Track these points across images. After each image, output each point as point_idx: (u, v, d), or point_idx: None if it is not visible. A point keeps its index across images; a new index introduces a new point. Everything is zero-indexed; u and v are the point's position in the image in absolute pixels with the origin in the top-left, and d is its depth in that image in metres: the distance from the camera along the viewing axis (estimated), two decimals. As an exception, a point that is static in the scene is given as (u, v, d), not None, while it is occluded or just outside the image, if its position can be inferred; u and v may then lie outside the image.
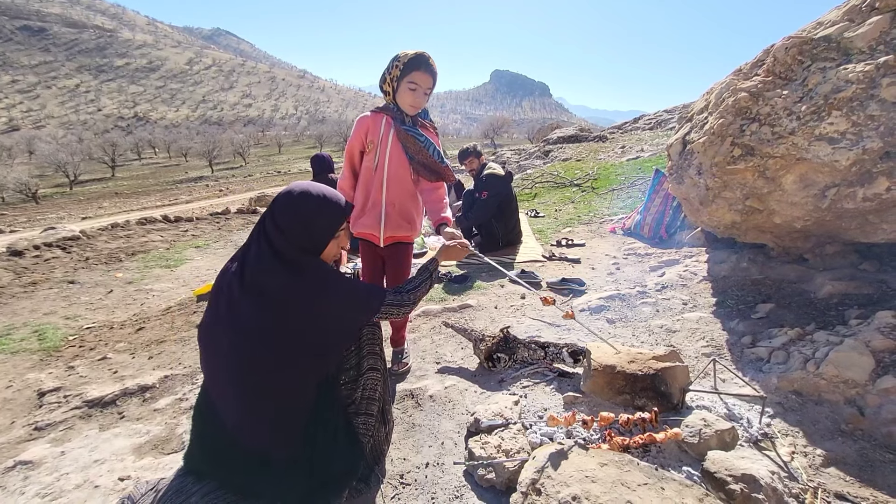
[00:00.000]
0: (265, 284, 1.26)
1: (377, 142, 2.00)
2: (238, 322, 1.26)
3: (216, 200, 18.78)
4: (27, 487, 1.70)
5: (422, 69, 1.89)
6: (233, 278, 1.30)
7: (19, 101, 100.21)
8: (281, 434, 1.29)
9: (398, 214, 2.08)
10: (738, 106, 2.53)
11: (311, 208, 1.33)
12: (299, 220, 1.31)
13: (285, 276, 1.26)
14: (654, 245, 4.18)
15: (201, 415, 1.35)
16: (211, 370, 1.34)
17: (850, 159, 2.08)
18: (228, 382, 1.28)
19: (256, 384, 1.25)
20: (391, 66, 1.92)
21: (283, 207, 1.32)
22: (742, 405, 1.75)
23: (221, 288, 1.33)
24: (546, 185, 8.07)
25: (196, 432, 1.38)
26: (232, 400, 1.27)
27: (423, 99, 1.97)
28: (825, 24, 2.43)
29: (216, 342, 1.29)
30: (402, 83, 1.91)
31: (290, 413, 1.30)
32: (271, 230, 1.31)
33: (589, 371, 1.89)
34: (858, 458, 1.49)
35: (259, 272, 1.27)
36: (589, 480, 1.23)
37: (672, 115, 13.68)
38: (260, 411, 1.27)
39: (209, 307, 1.36)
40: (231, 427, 1.27)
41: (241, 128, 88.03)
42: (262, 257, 1.28)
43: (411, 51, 1.92)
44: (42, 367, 2.84)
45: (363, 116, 2.05)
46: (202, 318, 1.38)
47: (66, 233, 5.76)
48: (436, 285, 3.60)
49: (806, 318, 2.29)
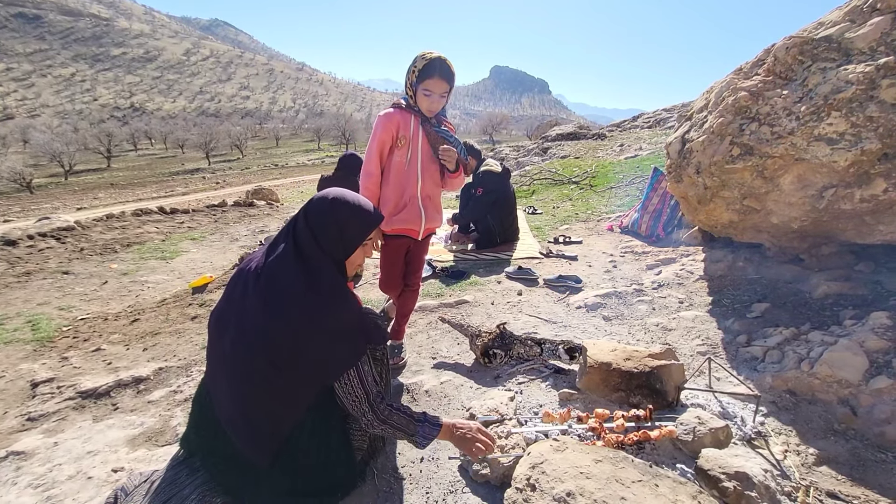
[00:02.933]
0: (278, 284, 1.25)
1: (409, 137, 2.04)
2: (244, 318, 1.25)
3: (213, 193, 18.67)
4: (19, 478, 1.69)
5: (435, 76, 1.92)
6: (250, 273, 1.30)
7: (14, 90, 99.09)
8: (269, 438, 1.27)
9: (433, 207, 2.19)
10: (738, 105, 2.53)
11: (346, 213, 1.35)
12: (332, 224, 1.32)
13: (301, 281, 1.25)
14: (652, 243, 4.18)
15: (200, 403, 1.35)
16: (211, 361, 1.34)
17: (848, 160, 2.08)
18: (224, 377, 1.27)
19: (250, 383, 1.24)
20: (410, 69, 1.95)
21: (318, 210, 1.34)
22: (736, 404, 1.76)
23: (238, 280, 1.33)
24: (544, 182, 8.07)
25: (193, 419, 1.38)
26: (226, 395, 1.26)
27: (439, 103, 2.01)
28: (826, 25, 2.43)
29: (220, 333, 1.29)
30: (418, 89, 1.95)
31: (280, 418, 1.27)
32: (302, 231, 1.31)
33: (584, 368, 1.89)
34: (850, 458, 1.51)
35: (277, 271, 1.26)
36: (583, 477, 1.23)
37: (671, 114, 13.68)
38: (251, 412, 1.25)
39: (223, 297, 1.36)
40: (224, 422, 1.27)
41: (238, 120, 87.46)
42: (285, 257, 1.28)
43: (428, 54, 1.93)
44: (35, 357, 2.83)
45: (391, 113, 2.03)
46: (214, 307, 1.37)
47: (60, 223, 5.71)
48: (432, 280, 3.60)
49: (801, 317, 2.30)
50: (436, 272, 3.74)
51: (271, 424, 1.27)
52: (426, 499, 1.45)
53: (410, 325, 2.83)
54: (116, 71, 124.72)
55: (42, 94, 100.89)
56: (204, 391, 1.35)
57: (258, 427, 1.26)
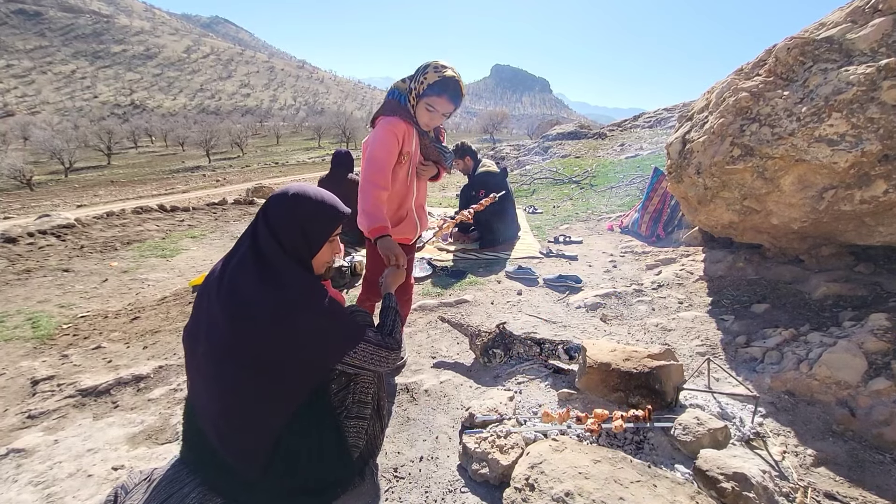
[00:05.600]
0: (241, 292, 1.18)
1: (411, 153, 1.95)
2: (213, 330, 1.20)
3: (213, 191, 18.67)
4: (20, 475, 1.69)
5: (445, 96, 1.77)
6: (214, 282, 1.24)
7: (14, 87, 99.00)
8: (256, 449, 1.22)
9: (424, 213, 2.24)
10: (739, 106, 2.53)
11: (308, 210, 1.26)
12: (294, 223, 1.25)
13: (265, 290, 1.17)
14: (652, 243, 4.19)
15: (188, 417, 1.34)
16: (190, 375, 1.31)
17: (848, 161, 2.08)
18: (205, 391, 1.25)
19: (228, 396, 1.19)
20: (420, 76, 1.78)
21: (278, 209, 1.25)
22: (735, 404, 1.77)
23: (203, 293, 1.27)
24: (544, 181, 8.06)
25: (184, 433, 1.38)
26: (208, 408, 1.24)
27: (438, 121, 1.90)
28: (828, 25, 2.42)
29: (193, 347, 1.25)
30: (422, 101, 1.81)
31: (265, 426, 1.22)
32: (262, 233, 1.23)
33: (584, 368, 1.90)
34: (848, 459, 1.51)
35: (237, 278, 1.20)
36: (582, 477, 1.24)
37: (672, 114, 13.67)
38: (235, 424, 1.21)
39: (194, 306, 1.31)
40: (210, 435, 1.25)
41: (238, 118, 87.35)
42: (244, 262, 1.21)
43: (443, 68, 1.77)
44: (35, 355, 2.83)
45: (395, 123, 1.83)
46: (187, 322, 1.32)
47: (60, 220, 5.70)
48: (430, 280, 3.60)
49: (800, 318, 2.30)
50: (435, 271, 3.75)
51: (257, 434, 1.22)
52: (425, 498, 1.46)
53: (410, 325, 2.83)
54: (117, 68, 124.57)
55: (42, 90, 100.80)
56: (189, 405, 1.33)
57: (244, 439, 1.22)
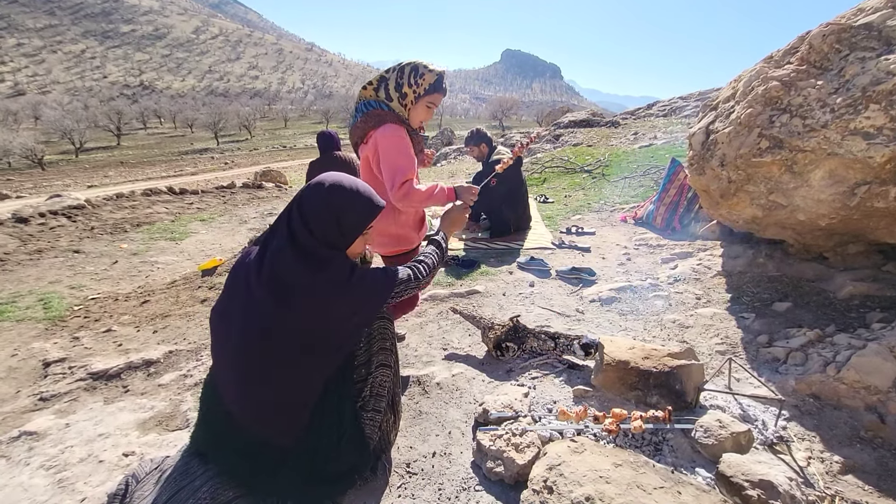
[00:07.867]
0: (284, 280, 1.20)
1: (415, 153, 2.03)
2: (250, 314, 1.21)
3: (221, 173, 18.69)
4: (32, 458, 1.69)
5: (441, 91, 1.91)
6: (251, 267, 1.24)
7: (25, 65, 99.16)
8: (283, 425, 1.26)
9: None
10: (769, 95, 2.42)
11: (343, 202, 1.25)
12: (329, 215, 1.24)
13: (306, 274, 1.19)
14: (667, 236, 4.09)
15: (207, 399, 1.32)
16: (218, 357, 1.31)
17: (885, 156, 1.99)
18: (234, 370, 1.24)
19: (261, 377, 1.21)
20: (415, 80, 1.83)
21: (312, 200, 1.25)
22: (757, 406, 1.71)
23: (238, 275, 1.27)
24: (556, 170, 7.93)
25: (202, 415, 1.36)
26: (241, 389, 1.24)
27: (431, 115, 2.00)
28: (867, 11, 2.30)
29: (227, 330, 1.25)
30: (421, 101, 1.88)
31: (292, 406, 1.26)
32: (296, 223, 1.23)
33: (601, 365, 1.85)
34: (877, 467, 1.46)
35: (279, 266, 1.21)
36: (603, 481, 1.20)
37: (687, 103, 13.35)
38: (262, 403, 1.23)
39: (223, 293, 1.31)
40: (235, 415, 1.24)
41: (247, 100, 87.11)
42: (283, 251, 1.22)
43: (432, 66, 1.86)
44: (47, 336, 2.84)
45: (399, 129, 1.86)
46: (215, 303, 1.33)
47: (71, 201, 5.71)
48: (441, 269, 3.55)
49: (825, 318, 2.23)
50: (446, 261, 3.70)
51: (293, 407, 1.25)
52: (438, 495, 1.43)
53: (421, 315, 2.79)
54: (126, 48, 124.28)
55: (52, 70, 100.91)
56: (211, 388, 1.32)
57: (280, 412, 1.25)
